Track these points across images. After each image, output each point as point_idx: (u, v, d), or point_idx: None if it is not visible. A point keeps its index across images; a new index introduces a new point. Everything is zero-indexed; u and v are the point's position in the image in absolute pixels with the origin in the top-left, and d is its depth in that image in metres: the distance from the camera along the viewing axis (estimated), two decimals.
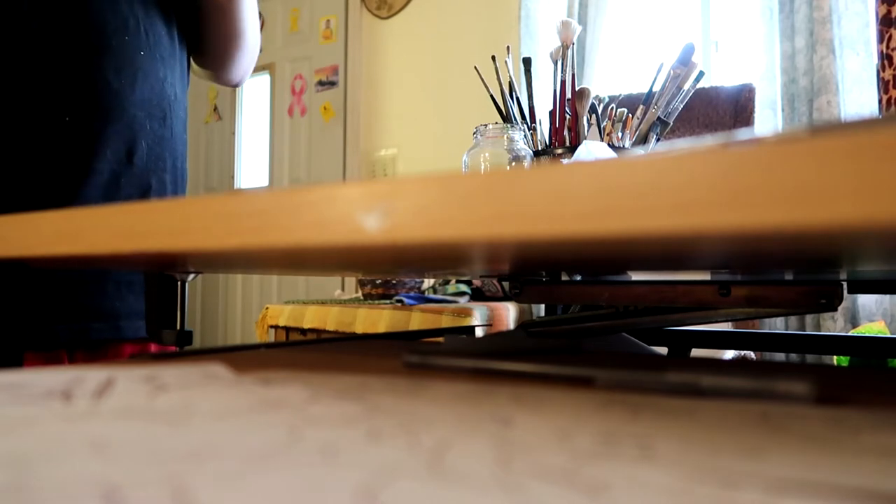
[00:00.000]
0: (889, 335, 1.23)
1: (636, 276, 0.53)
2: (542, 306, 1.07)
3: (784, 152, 0.16)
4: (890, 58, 0.63)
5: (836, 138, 0.16)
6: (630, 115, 0.78)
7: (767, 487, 0.16)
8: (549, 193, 0.20)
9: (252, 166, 3.21)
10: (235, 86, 0.94)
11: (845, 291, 0.48)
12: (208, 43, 0.85)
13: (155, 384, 0.29)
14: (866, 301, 1.68)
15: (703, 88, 1.42)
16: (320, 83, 2.93)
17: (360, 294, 1.90)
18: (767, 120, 1.84)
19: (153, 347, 0.74)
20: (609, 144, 0.74)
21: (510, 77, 0.83)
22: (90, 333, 0.68)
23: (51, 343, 0.66)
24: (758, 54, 1.90)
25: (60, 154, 0.67)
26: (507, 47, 0.85)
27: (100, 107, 0.69)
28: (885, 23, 0.63)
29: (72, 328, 0.67)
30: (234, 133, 3.23)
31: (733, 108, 1.44)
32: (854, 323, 1.69)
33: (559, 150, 0.77)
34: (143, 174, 0.73)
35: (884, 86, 0.63)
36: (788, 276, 0.46)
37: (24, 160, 0.66)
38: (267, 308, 1.85)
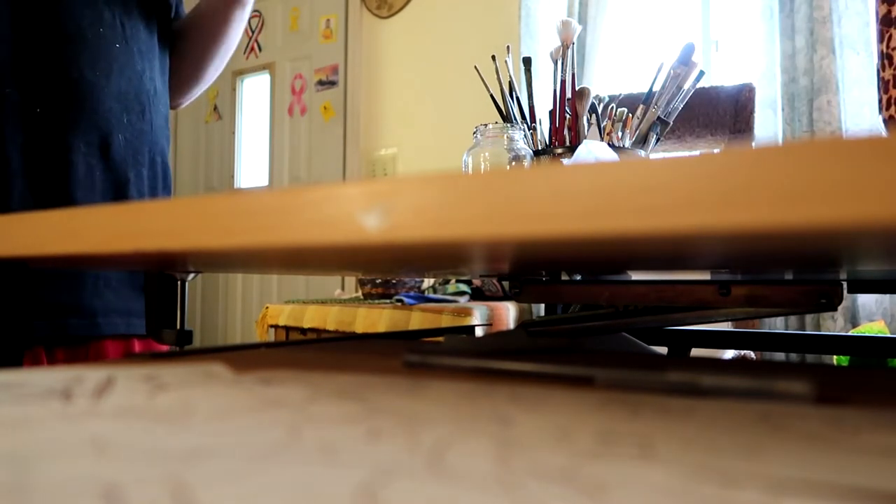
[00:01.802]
0: (889, 335, 1.23)
1: (636, 276, 0.53)
2: (542, 306, 1.07)
3: (782, 152, 0.16)
4: (890, 57, 0.63)
5: (833, 139, 0.16)
6: (630, 115, 0.78)
7: (767, 487, 0.16)
8: (549, 193, 0.20)
9: (252, 166, 3.20)
10: (174, 108, 0.92)
11: (845, 291, 0.48)
12: (178, 62, 0.85)
13: (155, 383, 0.29)
14: (866, 301, 1.68)
15: (703, 88, 1.42)
16: (320, 83, 2.93)
17: (360, 293, 1.90)
18: (768, 120, 1.84)
19: (136, 345, 0.74)
20: (609, 144, 0.74)
21: (510, 77, 0.83)
22: (68, 329, 0.67)
23: (28, 339, 0.65)
24: (758, 54, 1.89)
25: (32, 146, 0.67)
26: (508, 47, 0.85)
27: (73, 98, 0.68)
28: (886, 22, 0.63)
29: (50, 324, 0.66)
30: (234, 133, 3.23)
31: (733, 108, 1.44)
32: (854, 322, 1.69)
33: (559, 150, 0.77)
34: (121, 168, 0.72)
35: (884, 85, 0.63)
36: (788, 276, 0.46)
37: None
38: (267, 307, 1.85)
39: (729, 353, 1.09)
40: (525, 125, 0.80)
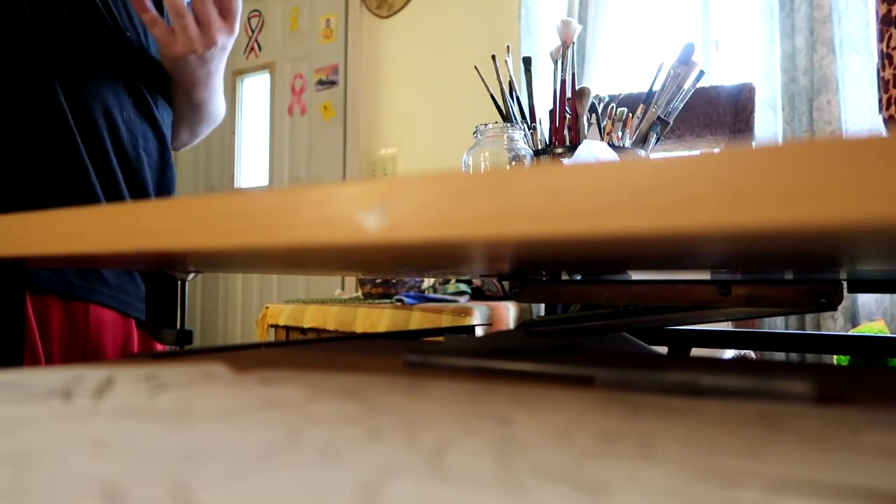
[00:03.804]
0: (889, 335, 1.23)
1: (636, 276, 0.53)
2: (542, 306, 1.07)
3: (782, 152, 0.16)
4: (890, 57, 0.63)
5: (833, 139, 0.16)
6: (630, 115, 0.78)
7: (767, 487, 0.16)
8: (550, 193, 0.20)
9: (252, 166, 3.20)
10: (175, 149, 0.89)
11: (845, 290, 0.48)
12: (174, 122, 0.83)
13: (155, 383, 0.29)
14: (866, 300, 1.68)
15: (704, 88, 1.42)
16: (320, 82, 2.93)
17: (360, 293, 1.90)
18: (768, 119, 1.84)
19: (136, 336, 0.73)
20: (609, 144, 0.74)
21: (510, 76, 0.83)
22: (38, 280, 0.65)
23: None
24: (758, 53, 1.89)
25: (43, 114, 0.67)
26: (507, 46, 0.85)
27: (86, 77, 0.69)
28: (886, 22, 0.63)
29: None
30: (233, 132, 3.23)
31: (733, 108, 1.44)
32: (854, 322, 1.69)
33: (559, 150, 0.77)
34: (135, 158, 0.72)
35: (884, 85, 0.63)
36: (788, 276, 0.46)
37: (7, 120, 0.66)
38: (267, 307, 1.85)
39: (729, 353, 1.09)
40: (525, 125, 0.80)
